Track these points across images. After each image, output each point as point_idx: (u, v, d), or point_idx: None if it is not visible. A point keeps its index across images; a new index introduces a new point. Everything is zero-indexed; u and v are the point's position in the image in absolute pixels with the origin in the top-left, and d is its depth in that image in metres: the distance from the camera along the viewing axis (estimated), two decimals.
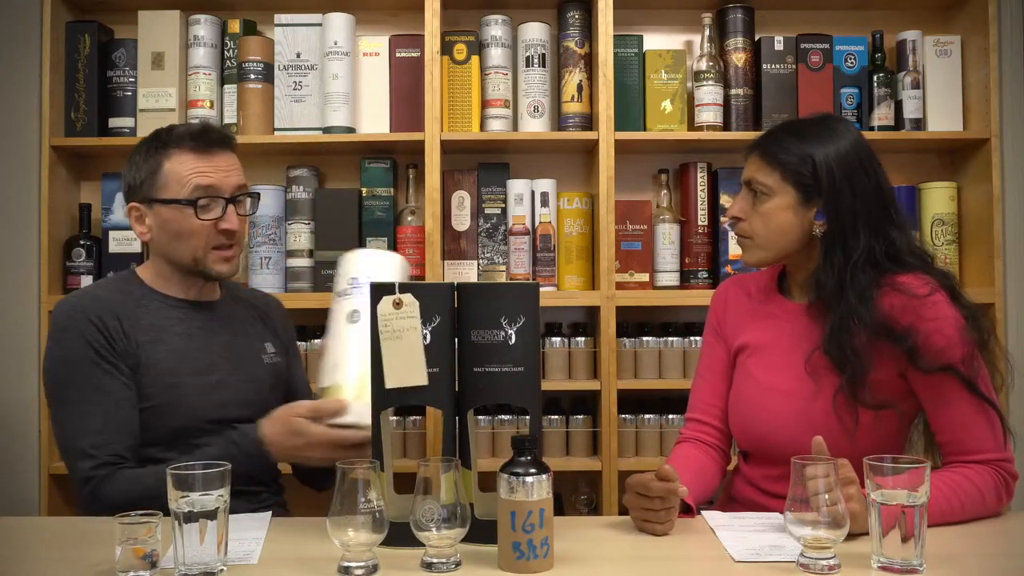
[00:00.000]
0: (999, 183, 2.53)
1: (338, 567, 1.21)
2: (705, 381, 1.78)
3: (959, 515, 1.45)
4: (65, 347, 1.66)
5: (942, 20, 2.73)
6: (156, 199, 1.69)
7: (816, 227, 1.58)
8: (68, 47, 2.57)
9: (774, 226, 1.60)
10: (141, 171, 1.71)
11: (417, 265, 2.52)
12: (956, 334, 1.50)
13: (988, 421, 1.50)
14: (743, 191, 1.66)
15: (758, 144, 1.65)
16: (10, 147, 2.63)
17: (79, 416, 1.62)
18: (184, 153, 1.69)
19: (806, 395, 1.57)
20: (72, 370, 1.64)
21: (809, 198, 1.58)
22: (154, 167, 1.70)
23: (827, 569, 1.19)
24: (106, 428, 1.61)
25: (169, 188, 1.69)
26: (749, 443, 1.68)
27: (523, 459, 1.22)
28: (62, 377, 1.65)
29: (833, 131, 1.60)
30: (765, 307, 1.71)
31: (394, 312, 1.34)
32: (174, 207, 1.68)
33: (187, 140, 1.70)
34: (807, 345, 1.59)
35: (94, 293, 1.76)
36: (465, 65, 2.56)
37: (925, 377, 1.51)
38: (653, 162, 2.69)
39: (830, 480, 1.21)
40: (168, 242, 1.71)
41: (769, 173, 1.61)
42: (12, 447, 2.57)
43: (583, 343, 2.54)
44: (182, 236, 1.69)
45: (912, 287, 1.52)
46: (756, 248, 1.64)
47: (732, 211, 1.66)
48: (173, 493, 1.18)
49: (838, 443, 1.49)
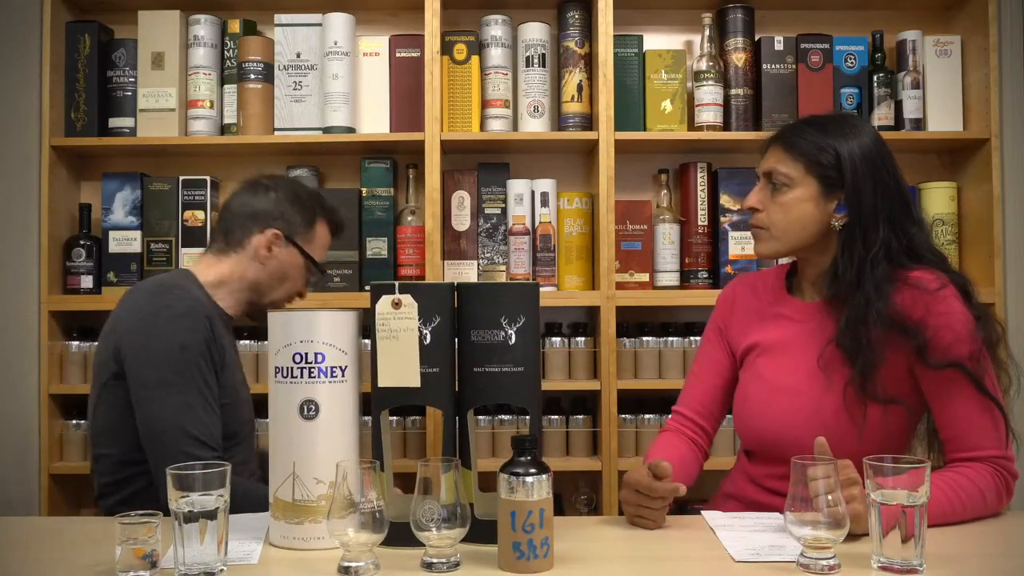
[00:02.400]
0: (999, 183, 2.53)
1: (338, 567, 1.21)
2: (698, 379, 1.78)
3: (959, 515, 1.44)
4: (187, 332, 1.71)
5: (942, 20, 2.73)
6: (300, 246, 1.90)
7: (836, 220, 1.58)
8: (68, 47, 2.57)
9: (794, 217, 1.60)
10: (296, 215, 1.90)
11: (417, 265, 2.52)
12: (964, 330, 1.50)
13: (992, 418, 1.51)
14: (761, 182, 1.66)
15: (780, 136, 1.65)
16: (10, 147, 2.63)
17: (187, 404, 1.68)
18: (326, 227, 1.97)
19: (817, 392, 1.57)
20: (189, 357, 1.70)
21: (830, 190, 1.58)
22: (310, 221, 1.92)
23: (827, 569, 1.19)
24: (210, 423, 1.70)
25: (314, 246, 1.93)
26: (755, 442, 1.67)
27: (523, 459, 1.22)
28: (178, 359, 1.70)
29: (854, 127, 1.61)
30: (774, 307, 1.71)
31: (392, 312, 1.34)
32: (307, 263, 1.92)
33: (333, 221, 1.98)
34: (820, 342, 1.59)
35: (188, 286, 1.82)
36: (465, 65, 2.56)
37: (932, 372, 1.51)
38: (653, 162, 2.70)
39: (831, 481, 1.21)
40: (276, 277, 1.90)
41: (792, 164, 1.61)
42: (12, 447, 2.57)
43: (583, 343, 2.54)
44: (287, 281, 1.92)
45: (924, 281, 1.53)
46: (771, 239, 1.63)
47: (750, 201, 1.66)
48: (173, 493, 1.18)
49: (846, 440, 1.51)
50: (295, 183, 2.02)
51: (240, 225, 1.88)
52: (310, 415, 1.32)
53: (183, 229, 2.56)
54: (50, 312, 2.51)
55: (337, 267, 2.52)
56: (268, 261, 1.88)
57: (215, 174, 2.64)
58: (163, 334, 1.70)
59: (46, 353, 2.49)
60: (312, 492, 1.31)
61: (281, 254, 1.89)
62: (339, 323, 1.34)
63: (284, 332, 1.33)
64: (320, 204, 1.96)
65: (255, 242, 1.87)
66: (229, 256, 1.89)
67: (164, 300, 1.74)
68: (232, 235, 1.89)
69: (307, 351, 1.32)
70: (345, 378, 1.34)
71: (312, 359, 1.32)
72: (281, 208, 1.89)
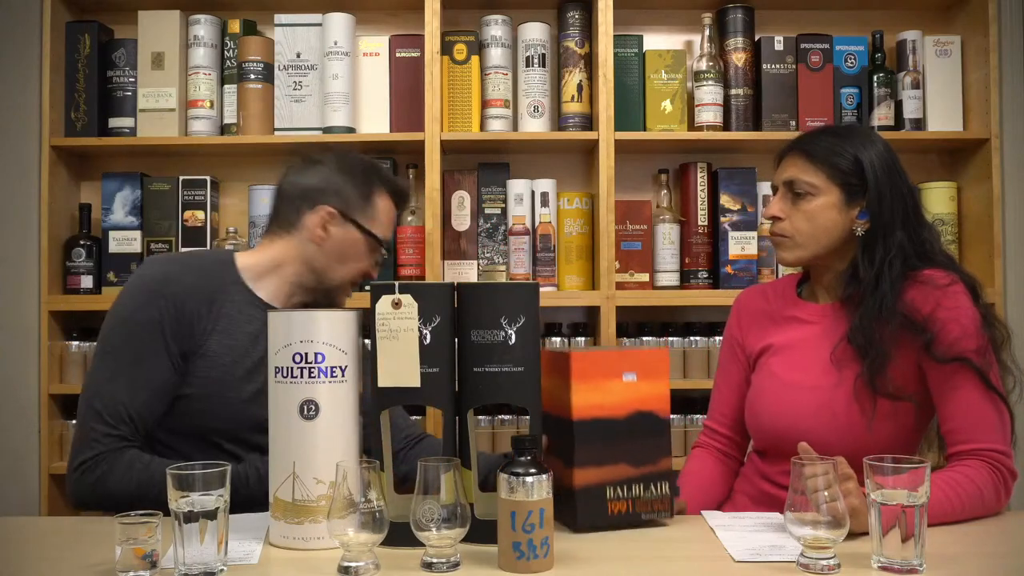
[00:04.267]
0: (999, 183, 2.53)
1: (338, 567, 1.21)
2: (720, 392, 1.83)
3: (959, 514, 1.45)
4: (136, 307, 1.63)
5: (942, 20, 2.73)
6: (357, 221, 1.74)
7: (858, 226, 1.63)
8: (68, 47, 2.57)
9: (819, 224, 1.64)
10: (350, 188, 1.74)
11: (417, 265, 2.52)
12: (972, 325, 1.53)
13: (996, 412, 1.52)
14: (781, 191, 1.69)
15: (798, 146, 1.69)
16: (10, 147, 2.63)
17: (110, 378, 1.60)
18: (388, 198, 1.79)
19: (828, 387, 1.60)
20: (130, 331, 1.61)
21: (853, 197, 1.63)
22: (367, 194, 1.76)
23: (827, 569, 1.19)
24: (126, 400, 1.59)
25: (376, 221, 1.76)
26: (767, 440, 1.70)
27: (523, 459, 1.22)
28: (117, 332, 1.63)
29: (867, 135, 1.67)
30: (786, 311, 1.74)
31: (392, 312, 1.34)
32: (368, 238, 1.75)
33: (395, 191, 1.81)
34: (833, 341, 1.62)
35: (189, 263, 1.72)
36: (465, 65, 2.56)
37: (938, 366, 1.54)
38: (653, 162, 2.70)
39: (829, 478, 1.21)
40: (333, 257, 1.74)
41: (814, 173, 1.64)
42: (12, 447, 2.57)
43: (583, 343, 2.54)
44: (348, 261, 1.75)
45: (935, 278, 1.57)
46: (796, 247, 1.67)
47: (771, 211, 1.69)
48: (173, 493, 1.18)
49: (856, 436, 1.55)
50: (347, 154, 1.84)
51: (290, 205, 1.75)
52: (310, 415, 1.32)
53: (183, 229, 2.56)
54: (50, 312, 2.51)
55: None
56: (324, 242, 1.73)
57: (215, 174, 2.64)
58: (117, 304, 1.66)
59: (46, 353, 2.49)
60: (312, 492, 1.31)
61: (338, 233, 1.73)
62: (339, 323, 1.34)
63: (284, 332, 1.33)
64: (377, 174, 1.80)
65: (308, 222, 1.73)
66: (282, 238, 1.75)
67: (137, 272, 1.69)
68: (283, 216, 1.76)
69: (307, 351, 1.31)
70: (345, 378, 1.34)
71: (312, 359, 1.32)
72: (333, 182, 1.74)
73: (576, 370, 1.38)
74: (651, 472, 1.41)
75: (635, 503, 1.40)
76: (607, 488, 1.39)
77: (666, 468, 1.42)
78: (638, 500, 1.40)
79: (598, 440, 1.38)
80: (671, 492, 1.43)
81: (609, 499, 1.39)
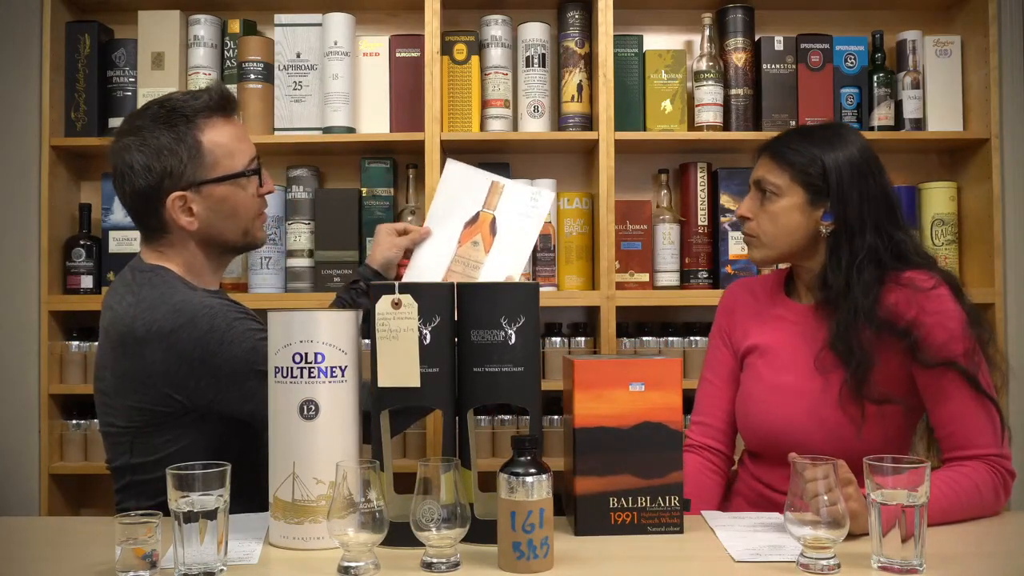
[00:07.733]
0: (999, 183, 2.53)
1: (338, 567, 1.21)
2: (711, 385, 1.81)
3: (958, 514, 1.45)
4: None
5: (942, 20, 2.73)
6: (207, 180, 1.55)
7: (823, 227, 1.62)
8: (68, 47, 2.57)
9: (781, 225, 1.64)
10: (176, 156, 1.53)
11: None
12: (958, 328, 1.53)
13: (988, 416, 1.52)
14: (752, 191, 1.70)
15: (769, 146, 1.69)
16: (10, 147, 2.63)
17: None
18: (216, 123, 1.57)
19: (815, 392, 1.60)
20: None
21: (817, 199, 1.63)
22: (193, 146, 1.54)
23: (827, 569, 1.19)
24: None
25: (219, 164, 1.56)
26: (758, 443, 1.69)
27: (523, 459, 1.22)
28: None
29: (842, 137, 1.65)
30: (772, 309, 1.74)
31: (392, 312, 1.34)
32: (232, 183, 1.57)
33: (216, 109, 1.57)
34: (816, 344, 1.62)
35: (176, 288, 1.55)
36: (465, 65, 2.56)
37: (926, 371, 1.53)
38: (653, 162, 2.70)
39: (829, 480, 1.21)
40: (221, 222, 1.58)
41: (779, 174, 1.65)
42: (12, 447, 2.57)
43: (583, 343, 2.54)
44: (238, 211, 1.59)
45: (916, 281, 1.56)
46: (762, 247, 1.68)
47: (741, 210, 1.71)
48: (173, 493, 1.18)
49: (846, 438, 1.55)
50: (137, 118, 1.59)
51: (144, 213, 1.58)
52: (310, 415, 1.32)
53: None
54: (50, 312, 2.51)
55: (337, 267, 2.52)
56: (201, 220, 1.56)
57: None
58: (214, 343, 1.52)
59: (46, 353, 2.49)
60: (312, 492, 1.31)
61: (203, 203, 1.55)
62: (339, 323, 1.34)
63: (284, 332, 1.33)
64: (178, 112, 1.54)
65: (169, 218, 1.56)
66: (167, 240, 1.60)
67: (175, 306, 1.52)
68: (148, 227, 1.60)
69: (307, 351, 1.31)
70: (345, 378, 1.34)
71: (312, 359, 1.32)
72: (159, 165, 1.53)
73: (579, 379, 1.37)
74: (659, 484, 1.37)
75: (640, 515, 1.37)
76: (609, 498, 1.37)
77: (676, 481, 1.37)
78: (644, 512, 1.37)
79: (600, 449, 1.37)
80: (681, 506, 1.38)
81: (612, 509, 1.37)
